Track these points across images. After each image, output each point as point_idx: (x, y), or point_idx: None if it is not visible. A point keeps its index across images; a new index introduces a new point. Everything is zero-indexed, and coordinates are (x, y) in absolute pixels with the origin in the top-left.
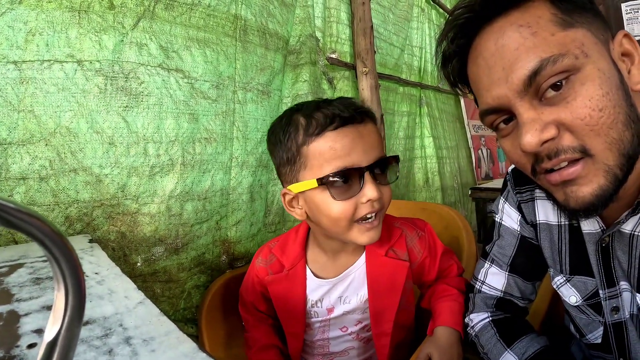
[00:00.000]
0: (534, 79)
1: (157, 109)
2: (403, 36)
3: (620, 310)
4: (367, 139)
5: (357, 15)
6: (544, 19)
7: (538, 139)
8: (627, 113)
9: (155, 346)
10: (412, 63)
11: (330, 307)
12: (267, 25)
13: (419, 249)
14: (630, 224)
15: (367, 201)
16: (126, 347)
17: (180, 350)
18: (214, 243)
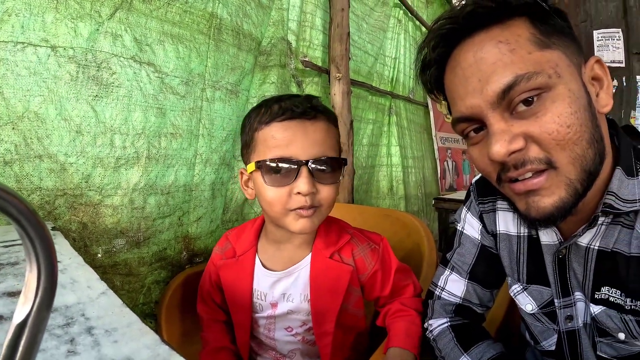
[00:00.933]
0: (507, 92)
1: (126, 100)
2: (377, 45)
3: (574, 319)
4: (311, 135)
5: (335, 20)
6: (522, 38)
7: (506, 149)
8: (591, 132)
9: (117, 337)
10: (384, 72)
11: (274, 302)
12: (242, 25)
13: (371, 260)
14: (586, 237)
15: (297, 193)
16: (88, 337)
17: (142, 341)
18: (176, 239)
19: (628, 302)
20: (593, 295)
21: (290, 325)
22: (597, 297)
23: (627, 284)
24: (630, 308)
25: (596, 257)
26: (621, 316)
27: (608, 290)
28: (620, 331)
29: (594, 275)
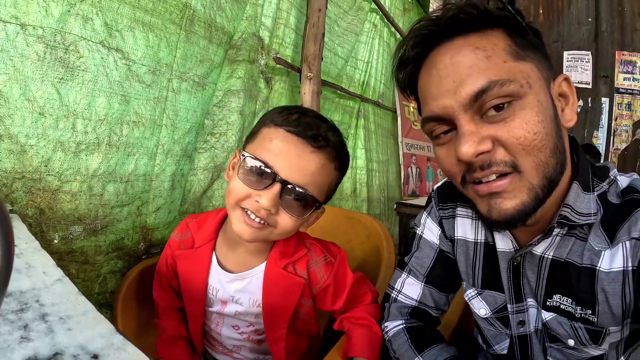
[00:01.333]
0: (480, 96)
1: (91, 85)
2: (348, 48)
3: (526, 324)
4: (304, 161)
5: (311, 20)
6: (499, 47)
7: (474, 149)
8: (555, 142)
9: (72, 325)
10: (354, 75)
11: (224, 301)
12: (214, 18)
13: (323, 274)
14: (541, 247)
15: (255, 201)
16: (42, 324)
17: (97, 330)
18: (134, 229)
19: (578, 310)
20: (545, 302)
21: (237, 324)
22: (549, 304)
23: (577, 293)
24: (580, 316)
25: (550, 266)
26: (571, 323)
27: (559, 298)
28: (570, 338)
29: (546, 283)
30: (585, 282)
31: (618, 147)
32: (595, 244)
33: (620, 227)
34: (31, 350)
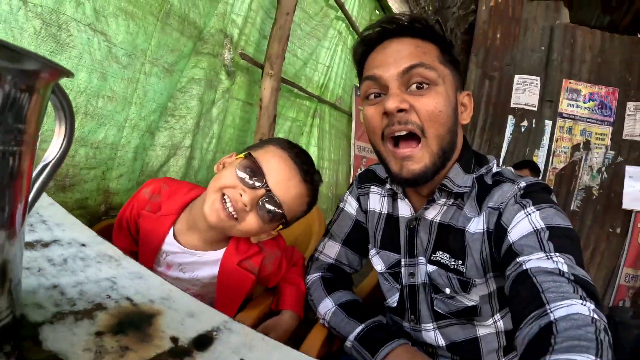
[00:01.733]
0: (410, 70)
1: (76, 61)
2: (308, 51)
3: (415, 276)
4: (291, 184)
5: (279, 22)
6: (433, 52)
7: (397, 104)
8: (452, 125)
9: (64, 228)
10: (313, 77)
11: (170, 265)
12: (188, 13)
13: (271, 266)
14: (431, 212)
15: (239, 194)
16: (43, 225)
17: (83, 233)
18: (97, 191)
19: (452, 262)
20: (430, 257)
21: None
22: (433, 259)
23: (453, 248)
24: (454, 267)
25: (437, 228)
26: (447, 274)
27: (441, 254)
28: (446, 287)
29: (433, 242)
30: (458, 239)
31: (556, 166)
32: (468, 212)
33: (485, 200)
34: (37, 236)
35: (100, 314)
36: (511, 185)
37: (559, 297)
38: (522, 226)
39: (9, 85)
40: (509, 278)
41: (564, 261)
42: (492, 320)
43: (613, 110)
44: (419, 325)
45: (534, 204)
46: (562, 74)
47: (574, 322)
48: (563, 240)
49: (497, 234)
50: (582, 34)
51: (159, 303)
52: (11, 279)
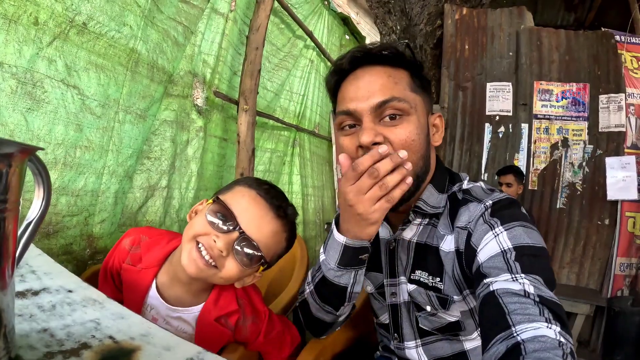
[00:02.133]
0: (382, 105)
1: (52, 115)
2: (279, 82)
3: (397, 295)
4: (264, 222)
5: (249, 57)
6: (404, 80)
7: (371, 138)
8: (425, 151)
9: (52, 276)
10: (289, 107)
11: (156, 318)
12: (157, 60)
13: (248, 332)
14: (408, 233)
15: (213, 241)
16: (32, 275)
17: (70, 279)
18: (81, 236)
19: (430, 279)
20: (410, 276)
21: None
22: (413, 278)
23: (429, 266)
24: (432, 285)
25: (415, 248)
26: (426, 292)
27: (420, 272)
28: (427, 304)
29: (412, 262)
30: (434, 257)
31: (538, 167)
32: (441, 230)
33: (455, 219)
34: (27, 286)
35: (85, 352)
36: (477, 205)
37: (524, 319)
38: (490, 247)
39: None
40: (479, 298)
41: (530, 282)
42: (477, 333)
43: (586, 105)
44: (402, 344)
45: (502, 224)
46: (532, 77)
47: (542, 344)
48: (530, 260)
49: (467, 254)
50: (548, 35)
51: (139, 339)
52: (5, 325)
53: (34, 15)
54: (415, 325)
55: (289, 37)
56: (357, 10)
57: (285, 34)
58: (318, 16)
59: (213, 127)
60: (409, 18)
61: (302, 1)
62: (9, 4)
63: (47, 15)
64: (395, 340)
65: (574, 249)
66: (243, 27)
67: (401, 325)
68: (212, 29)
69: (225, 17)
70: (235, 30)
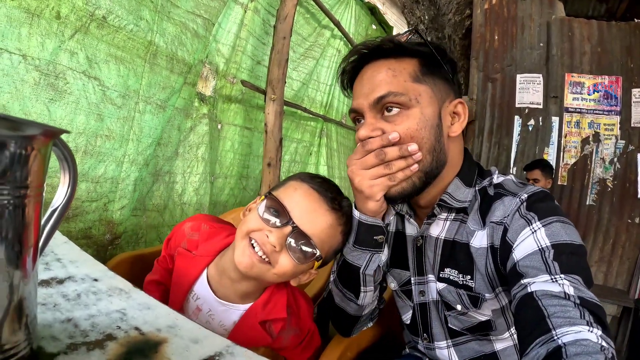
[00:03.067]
0: (381, 100)
1: (74, 105)
2: (306, 72)
3: (426, 294)
4: (317, 216)
5: (276, 47)
6: (405, 71)
7: (367, 133)
8: (432, 144)
9: (78, 264)
10: (316, 97)
11: (199, 308)
12: (176, 52)
13: (288, 342)
14: (435, 229)
15: (265, 235)
16: (58, 263)
17: (95, 268)
18: (100, 221)
19: (461, 278)
20: (439, 274)
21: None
22: (442, 276)
23: (460, 264)
24: (463, 283)
25: (442, 245)
26: (457, 290)
27: (449, 270)
28: (458, 303)
29: (440, 259)
30: (463, 254)
31: (568, 162)
32: (471, 225)
33: (487, 214)
34: (52, 274)
35: (110, 343)
36: (512, 199)
37: (565, 322)
38: (527, 244)
39: (15, 149)
40: (515, 298)
41: (570, 283)
42: (508, 333)
43: (619, 99)
44: (432, 344)
45: (540, 219)
46: (563, 69)
47: (584, 347)
48: (569, 259)
49: (502, 250)
50: (580, 26)
51: (165, 331)
52: (27, 315)
53: (56, 10)
54: (444, 324)
55: (314, 27)
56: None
57: (310, 23)
58: (345, 6)
59: (232, 116)
60: (437, 7)
61: None
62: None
63: (69, 9)
64: (425, 341)
65: (602, 247)
66: (267, 16)
67: (431, 324)
68: (229, 18)
69: (244, 8)
70: (257, 20)
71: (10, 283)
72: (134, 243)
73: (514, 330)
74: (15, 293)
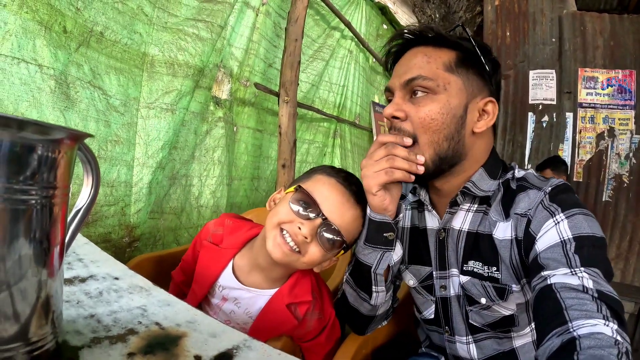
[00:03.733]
0: (410, 82)
1: (85, 113)
2: (315, 73)
3: (447, 288)
4: (345, 208)
5: (288, 49)
6: (440, 59)
7: (391, 111)
8: (451, 132)
9: (99, 264)
10: (328, 98)
11: (226, 298)
12: (176, 57)
13: (311, 326)
14: (457, 221)
15: (298, 227)
16: (79, 263)
17: (116, 267)
18: (120, 225)
19: (486, 269)
20: (462, 267)
21: (230, 319)
22: (465, 269)
23: (484, 255)
24: (488, 275)
25: (465, 237)
26: (482, 283)
27: (473, 263)
28: (482, 296)
29: (463, 252)
30: (487, 245)
31: (583, 158)
32: (493, 216)
33: (511, 206)
34: (75, 273)
35: (132, 337)
36: (537, 192)
37: (582, 315)
38: (549, 236)
39: (43, 152)
40: (534, 290)
41: (589, 276)
42: (529, 328)
43: (633, 93)
44: (453, 337)
45: (563, 210)
46: (576, 63)
47: (598, 341)
48: (590, 251)
49: (526, 241)
50: (591, 20)
51: (185, 326)
52: (54, 311)
53: (62, 25)
54: (465, 320)
55: (324, 29)
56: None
57: (320, 25)
58: (355, 6)
59: (245, 119)
60: (447, 5)
61: None
62: (43, 12)
63: (72, 24)
64: (447, 334)
65: (619, 244)
66: (278, 19)
67: (452, 319)
68: (242, 22)
69: (256, 11)
70: (269, 23)
71: (38, 279)
72: (151, 245)
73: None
74: (43, 289)
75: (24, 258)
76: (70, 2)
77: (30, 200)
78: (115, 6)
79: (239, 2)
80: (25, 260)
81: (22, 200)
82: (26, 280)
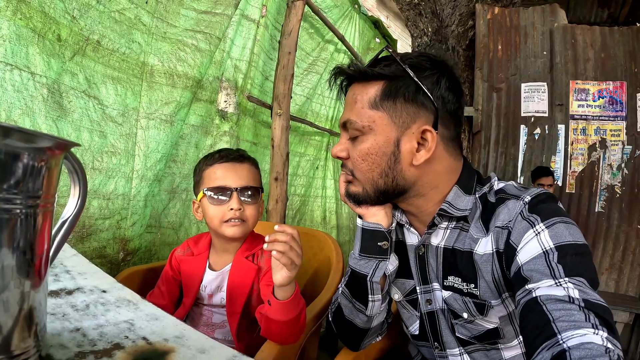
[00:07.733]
0: (345, 125)
1: (78, 123)
2: (309, 87)
3: (433, 302)
4: (240, 172)
5: (282, 62)
6: (366, 97)
7: (335, 153)
8: (384, 170)
9: (87, 276)
10: (320, 111)
11: (211, 294)
12: (175, 68)
13: (265, 264)
14: (436, 238)
15: (230, 210)
16: (67, 275)
17: (104, 280)
18: (114, 239)
19: (465, 286)
20: (443, 282)
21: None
22: (446, 284)
23: (463, 272)
24: (467, 291)
25: (443, 253)
26: (462, 298)
27: (453, 278)
28: (464, 311)
29: (442, 267)
30: (466, 263)
31: (575, 169)
32: (474, 233)
33: (491, 219)
34: (61, 285)
35: (118, 352)
36: (516, 202)
37: (570, 326)
38: (531, 247)
39: (28, 160)
40: (519, 304)
41: (574, 286)
42: (517, 340)
43: (624, 104)
44: (445, 352)
45: (543, 220)
46: (568, 76)
47: (588, 351)
48: (574, 260)
49: (507, 253)
50: (582, 32)
51: (173, 341)
52: (37, 323)
53: (57, 33)
54: (453, 333)
55: (318, 42)
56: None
57: (314, 38)
58: (349, 20)
59: (245, 132)
60: (440, 19)
61: (332, 5)
62: (37, 20)
63: (67, 33)
64: (437, 349)
65: (613, 254)
66: (274, 32)
67: (441, 333)
68: (242, 34)
69: (257, 23)
70: (266, 36)
71: (21, 290)
72: (147, 260)
73: (522, 339)
74: (26, 300)
75: (6, 269)
76: (66, 10)
77: (14, 210)
78: (112, 15)
79: (237, 14)
80: (7, 271)
81: (6, 209)
82: (8, 291)
